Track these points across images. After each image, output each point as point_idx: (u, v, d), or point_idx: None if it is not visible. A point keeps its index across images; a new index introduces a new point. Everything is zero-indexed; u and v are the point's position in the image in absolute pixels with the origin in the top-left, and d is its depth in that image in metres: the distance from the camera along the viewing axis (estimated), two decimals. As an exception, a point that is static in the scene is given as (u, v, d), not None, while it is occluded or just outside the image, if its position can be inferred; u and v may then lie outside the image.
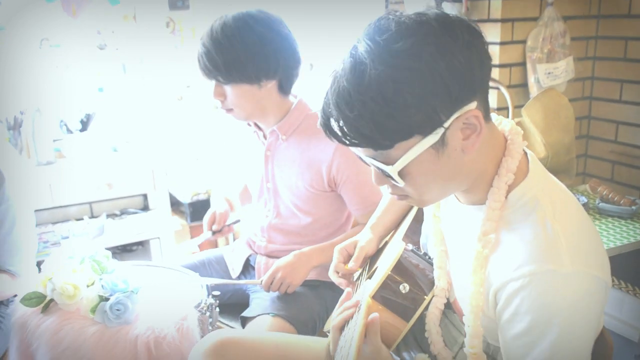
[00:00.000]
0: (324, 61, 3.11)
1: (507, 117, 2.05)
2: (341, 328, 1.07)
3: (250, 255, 1.89)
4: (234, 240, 2.04)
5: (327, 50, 3.03)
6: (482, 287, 0.96)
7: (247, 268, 1.89)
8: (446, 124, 0.86)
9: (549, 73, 2.28)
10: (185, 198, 3.21)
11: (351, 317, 1.07)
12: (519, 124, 2.01)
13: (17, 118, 2.83)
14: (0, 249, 1.63)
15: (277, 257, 1.72)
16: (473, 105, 0.87)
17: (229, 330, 1.62)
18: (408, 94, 0.82)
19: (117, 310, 1.36)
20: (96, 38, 3.02)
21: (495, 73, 2.32)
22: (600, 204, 1.73)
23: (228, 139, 1.98)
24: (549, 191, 0.95)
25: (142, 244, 3.08)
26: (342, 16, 2.93)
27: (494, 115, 1.04)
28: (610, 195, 1.71)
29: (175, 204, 3.33)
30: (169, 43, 3.19)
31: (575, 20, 2.42)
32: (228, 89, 1.59)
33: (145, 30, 3.10)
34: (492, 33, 2.32)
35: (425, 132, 0.86)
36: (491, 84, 2.26)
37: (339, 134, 0.89)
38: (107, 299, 1.37)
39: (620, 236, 1.61)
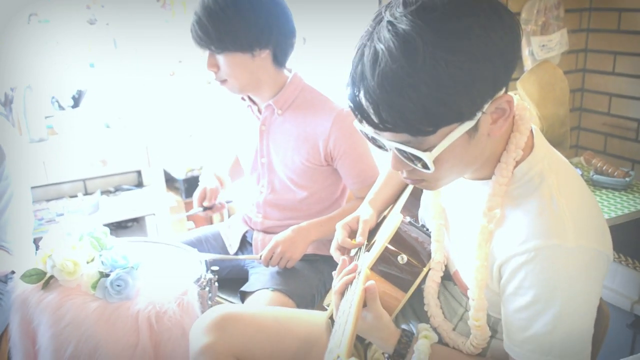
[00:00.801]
0: (317, 35, 3.08)
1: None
2: (342, 292, 1.07)
3: (246, 232, 1.90)
4: (229, 216, 2.05)
5: (320, 24, 3.00)
6: (487, 261, 0.97)
7: (244, 244, 1.91)
8: (485, 109, 0.85)
9: (543, 46, 2.28)
10: (179, 174, 3.21)
11: (351, 281, 1.07)
12: (513, 97, 2.01)
13: (7, 95, 2.80)
14: None
15: (274, 233, 1.73)
16: (509, 94, 0.87)
17: (230, 305, 1.64)
18: (460, 77, 0.79)
19: (118, 286, 1.37)
20: (86, 13, 2.97)
21: (489, 46, 2.31)
22: (595, 176, 1.75)
23: (221, 114, 1.96)
24: (554, 166, 0.96)
25: (137, 220, 3.07)
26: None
27: None
28: (604, 167, 1.72)
29: (169, 180, 3.33)
30: (160, 17, 3.15)
31: (570, -9, 2.41)
32: (221, 58, 1.58)
33: (136, 5, 3.05)
34: (486, 5, 2.30)
35: (465, 117, 0.84)
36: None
37: (375, 119, 0.84)
38: (107, 275, 1.38)
39: (615, 207, 1.63)
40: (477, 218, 0.98)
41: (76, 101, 2.97)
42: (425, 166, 0.87)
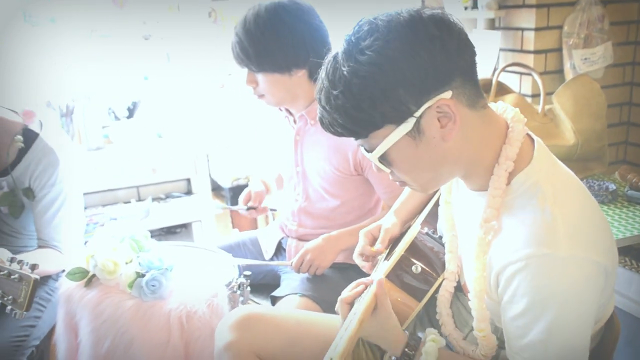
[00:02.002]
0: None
1: (539, 104, 2.04)
2: (350, 303, 1.12)
3: (282, 238, 1.96)
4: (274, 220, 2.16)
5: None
6: (485, 271, 1.00)
7: (279, 250, 1.97)
8: (417, 114, 0.91)
9: (586, 59, 2.25)
10: (225, 183, 3.32)
11: (361, 293, 1.11)
12: (550, 111, 1.99)
13: (69, 106, 2.99)
14: (47, 227, 1.75)
15: (307, 240, 1.79)
16: (447, 95, 0.91)
17: (254, 306, 1.70)
18: (372, 87, 0.90)
19: (152, 286, 1.45)
20: (142, 28, 3.14)
21: (529, 59, 2.31)
22: (629, 191, 1.72)
23: (266, 126, 2.04)
24: (552, 177, 0.98)
25: (185, 226, 3.21)
26: (381, 8, 2.94)
27: (500, 104, 1.07)
28: (639, 183, 1.69)
29: (216, 189, 3.45)
30: (211, 32, 3.28)
31: (616, 4, 2.37)
32: (260, 76, 1.66)
33: (189, 20, 3.20)
34: (527, 19, 2.30)
35: (397, 121, 0.92)
36: (524, 70, 2.26)
37: (328, 124, 0.98)
38: (143, 275, 1.47)
39: (648, 224, 1.61)
40: (476, 229, 1.00)
41: (131, 112, 3.14)
42: (379, 166, 1.00)
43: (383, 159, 0.98)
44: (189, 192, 3.34)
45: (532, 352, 0.93)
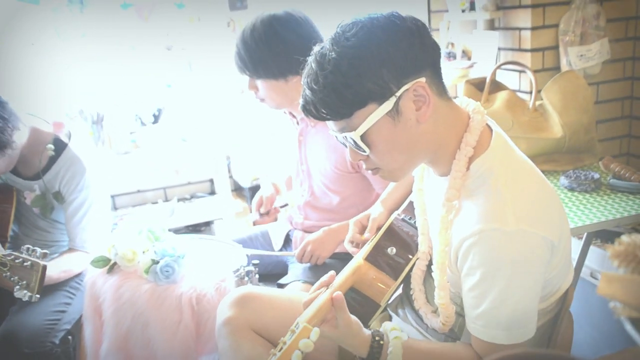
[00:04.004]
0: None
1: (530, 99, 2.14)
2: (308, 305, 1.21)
3: (290, 230, 2.11)
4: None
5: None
6: (447, 246, 1.13)
7: (288, 241, 2.12)
8: (397, 93, 1.03)
9: (582, 55, 2.33)
10: (246, 183, 3.49)
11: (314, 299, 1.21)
12: (540, 106, 2.09)
13: (99, 114, 3.21)
14: (76, 228, 1.94)
15: (312, 232, 1.93)
16: (422, 79, 1.04)
17: (253, 286, 1.86)
18: (360, 66, 1.02)
19: (166, 271, 1.62)
20: (165, 39, 3.34)
21: (527, 58, 2.40)
22: (612, 180, 1.81)
23: (278, 128, 2.19)
24: (507, 163, 1.10)
25: (208, 224, 3.40)
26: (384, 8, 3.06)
27: (463, 99, 1.20)
28: (622, 172, 1.77)
29: (237, 189, 3.63)
30: (230, 41, 3.45)
31: (613, 1, 2.45)
32: (259, 82, 1.81)
33: (209, 31, 3.38)
34: (523, 19, 2.40)
35: (379, 100, 1.04)
36: (518, 68, 2.36)
37: (312, 109, 1.07)
38: (157, 262, 1.64)
39: (630, 208, 1.69)
40: (440, 209, 1.13)
41: (156, 118, 3.34)
42: (361, 149, 1.08)
43: (363, 139, 1.07)
44: (212, 193, 3.53)
45: (486, 320, 1.06)
